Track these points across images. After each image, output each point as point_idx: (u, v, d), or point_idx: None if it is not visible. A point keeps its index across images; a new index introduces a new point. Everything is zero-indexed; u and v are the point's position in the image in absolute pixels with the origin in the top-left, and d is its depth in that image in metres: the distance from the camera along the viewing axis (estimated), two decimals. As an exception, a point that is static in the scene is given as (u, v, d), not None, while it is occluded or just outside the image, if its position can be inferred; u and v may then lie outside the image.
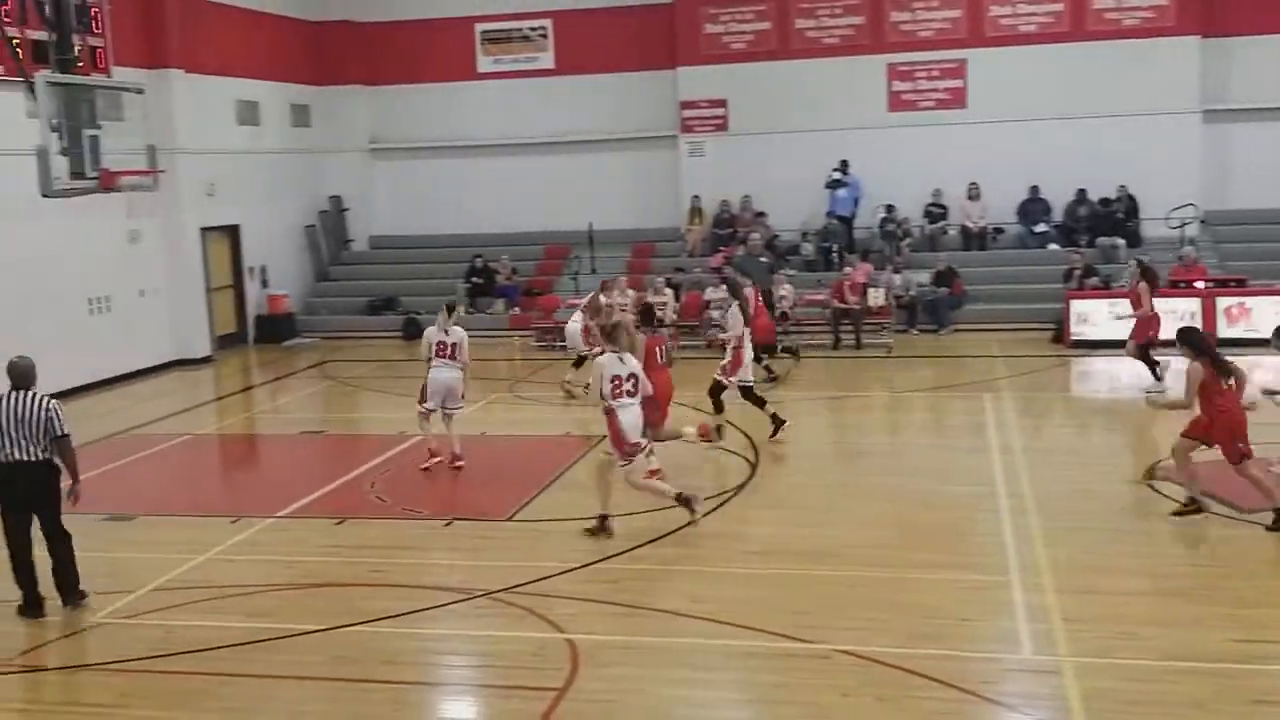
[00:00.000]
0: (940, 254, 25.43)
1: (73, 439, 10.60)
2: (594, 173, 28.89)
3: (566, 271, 27.43)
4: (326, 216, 29.78)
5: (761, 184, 27.44)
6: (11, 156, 17.49)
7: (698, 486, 13.39)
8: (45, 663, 9.35)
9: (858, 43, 27.26)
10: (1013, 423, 16.58)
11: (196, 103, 24.33)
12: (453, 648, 9.73)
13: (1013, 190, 26.44)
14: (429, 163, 29.99)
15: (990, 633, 9.46)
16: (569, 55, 28.99)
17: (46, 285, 20.32)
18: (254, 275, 27.07)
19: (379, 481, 14.49)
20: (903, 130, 26.97)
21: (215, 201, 25.13)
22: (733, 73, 27.76)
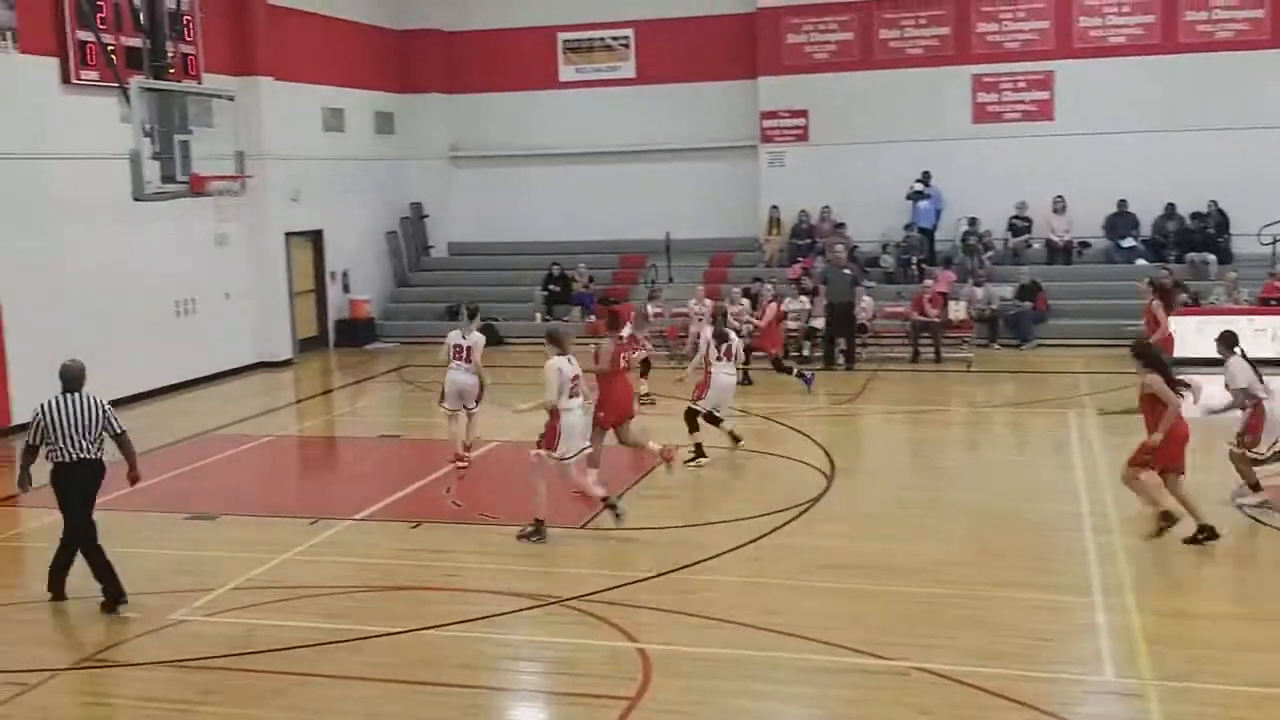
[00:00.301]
0: (1024, 268, 25.15)
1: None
2: (672, 182, 28.91)
3: (643, 280, 27.44)
4: (407, 223, 30.06)
5: (841, 195, 27.30)
6: (105, 161, 17.83)
7: (772, 499, 13.37)
8: (127, 658, 9.47)
9: (942, 53, 27.06)
10: (1096, 440, 16.32)
11: (283, 109, 24.67)
12: (526, 654, 9.73)
13: (1099, 204, 26.08)
14: (509, 171, 30.17)
15: (1072, 653, 9.32)
16: (650, 64, 29.05)
17: (135, 287, 20.68)
18: (336, 280, 27.39)
19: (455, 486, 14.57)
20: (987, 142, 26.71)
21: (299, 206, 25.47)
22: (814, 83, 27.66)
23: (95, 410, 10.83)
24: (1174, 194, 25.58)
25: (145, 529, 13.08)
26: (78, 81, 19.29)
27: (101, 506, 13.80)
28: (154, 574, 11.47)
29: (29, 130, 18.49)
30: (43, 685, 9.02)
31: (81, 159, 19.05)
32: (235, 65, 23.41)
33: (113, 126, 18.67)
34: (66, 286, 19.19)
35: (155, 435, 18.09)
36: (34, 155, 18.53)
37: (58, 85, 19.12)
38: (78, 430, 10.66)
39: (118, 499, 14.16)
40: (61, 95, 19.17)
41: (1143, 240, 25.99)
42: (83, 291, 19.48)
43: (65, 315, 19.04)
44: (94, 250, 19.72)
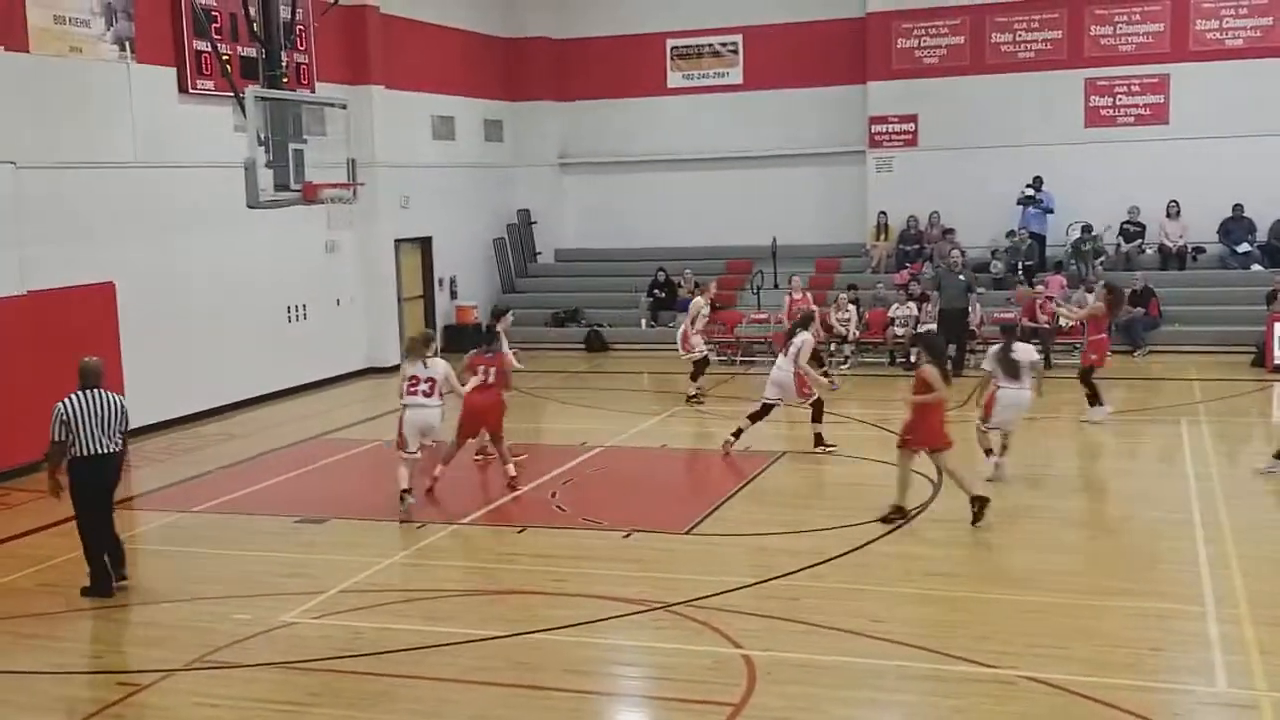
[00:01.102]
0: (1136, 273, 24.63)
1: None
2: (779, 187, 28.80)
3: (749, 286, 27.35)
4: (515, 229, 30.29)
5: (950, 200, 26.98)
6: (220, 169, 18.23)
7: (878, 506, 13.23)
8: (238, 660, 9.64)
9: (1054, 57, 26.62)
10: (1209, 449, 15.98)
11: (394, 117, 24.99)
12: (630, 659, 9.75)
13: (1214, 209, 25.48)
14: (616, 177, 30.27)
15: (1183, 664, 9.12)
16: (758, 70, 28.97)
17: (249, 294, 21.09)
18: (444, 286, 27.69)
19: (560, 491, 14.64)
20: (1099, 146, 26.23)
21: (408, 213, 25.78)
22: (924, 88, 27.38)
23: (115, 406, 11.22)
24: (1296, 198, 24.93)
25: (256, 532, 13.33)
26: (194, 91, 19.72)
27: (212, 509, 14.22)
28: (264, 576, 11.69)
29: (147, 139, 18.93)
30: (154, 686, 9.20)
31: (197, 167, 19.48)
32: (348, 74, 23.78)
33: (228, 135, 19.10)
34: (182, 293, 19.62)
35: (266, 439, 18.47)
36: (151, 164, 18.96)
37: (175, 94, 19.56)
38: (98, 426, 11.03)
39: (225, 502, 14.54)
40: (178, 104, 19.61)
41: (1258, 245, 25.33)
42: (198, 298, 19.92)
43: (181, 322, 19.51)
44: (208, 257, 20.14)
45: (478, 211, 28.79)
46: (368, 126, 23.68)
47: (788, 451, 16.33)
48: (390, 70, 24.93)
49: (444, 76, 27.38)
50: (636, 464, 16.44)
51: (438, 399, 13.79)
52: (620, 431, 18.03)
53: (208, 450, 17.90)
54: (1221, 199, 25.34)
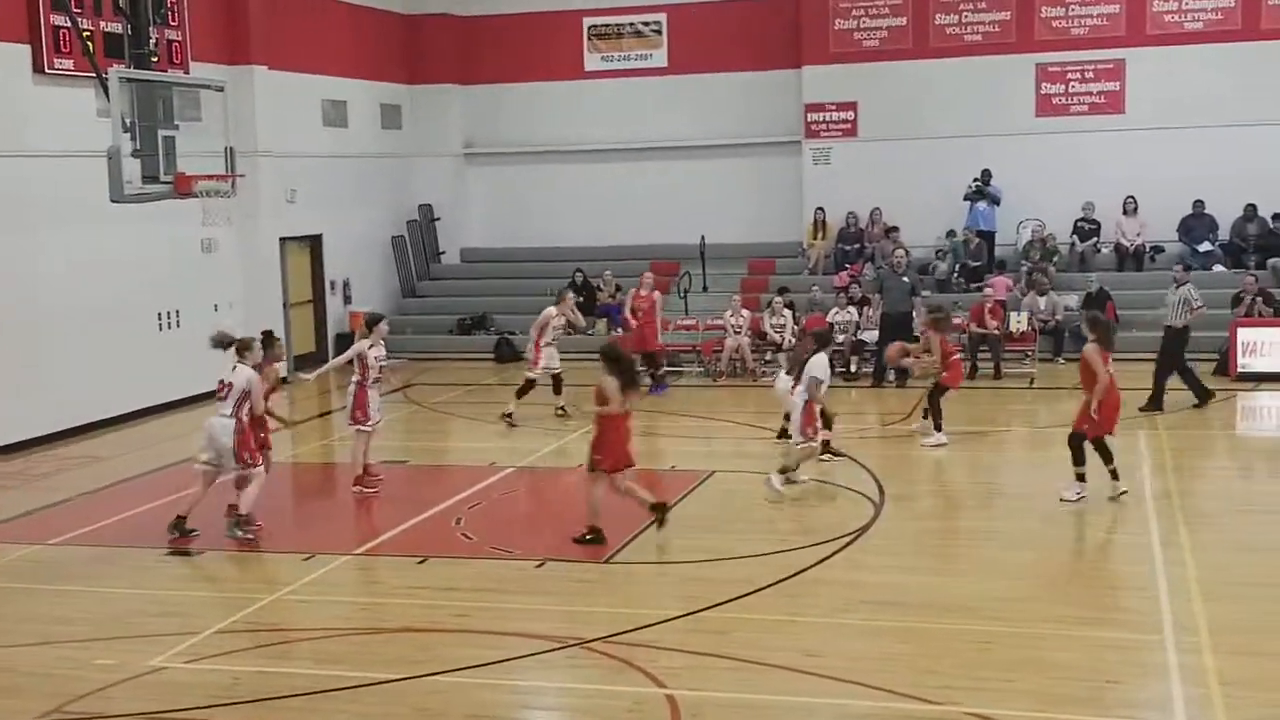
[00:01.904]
0: (1091, 274, 25.01)
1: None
2: (708, 181, 28.96)
3: (675, 289, 27.43)
4: (415, 227, 30.16)
5: (892, 195, 27.26)
6: (81, 158, 17.96)
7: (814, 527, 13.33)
8: (99, 710, 9.45)
9: (1003, 41, 27.02)
10: (1169, 464, 16.27)
11: (279, 102, 24.80)
12: (544, 701, 9.76)
13: (1174, 205, 25.94)
14: (528, 169, 30.26)
15: (1140, 697, 9.29)
16: (684, 53, 29.10)
17: (114, 298, 20.77)
18: (335, 289, 27.50)
19: (466, 517, 14.57)
20: (1051, 137, 26.67)
21: (296, 209, 25.59)
22: (864, 73, 27.67)
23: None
24: (1255, 194, 25.48)
25: (120, 566, 13.11)
26: (51, 71, 19.42)
27: (72, 541, 14.00)
28: (129, 616, 11.52)
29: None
30: (7, 738, 9.04)
31: (55, 157, 19.20)
32: (226, 53, 23.55)
33: (89, 121, 18.83)
34: (38, 298, 19.35)
35: (134, 462, 18.22)
36: (2, 152, 18.67)
37: (29, 75, 19.24)
38: None
39: (86, 534, 14.31)
40: (33, 86, 19.30)
41: (1220, 244, 25.85)
42: (56, 303, 19.64)
43: (37, 330, 19.23)
44: (68, 257, 19.85)
45: (374, 207, 28.64)
46: (249, 111, 23.44)
47: (717, 471, 16.37)
48: (274, 49, 24.70)
49: (336, 56, 27.22)
50: (551, 487, 16.41)
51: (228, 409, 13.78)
52: (533, 450, 17.99)
53: (68, 474, 17.62)
54: (1181, 194, 25.82)
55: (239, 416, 13.71)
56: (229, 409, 13.68)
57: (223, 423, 13.72)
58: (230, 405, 13.67)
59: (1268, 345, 21.77)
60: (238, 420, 13.70)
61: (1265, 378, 21.49)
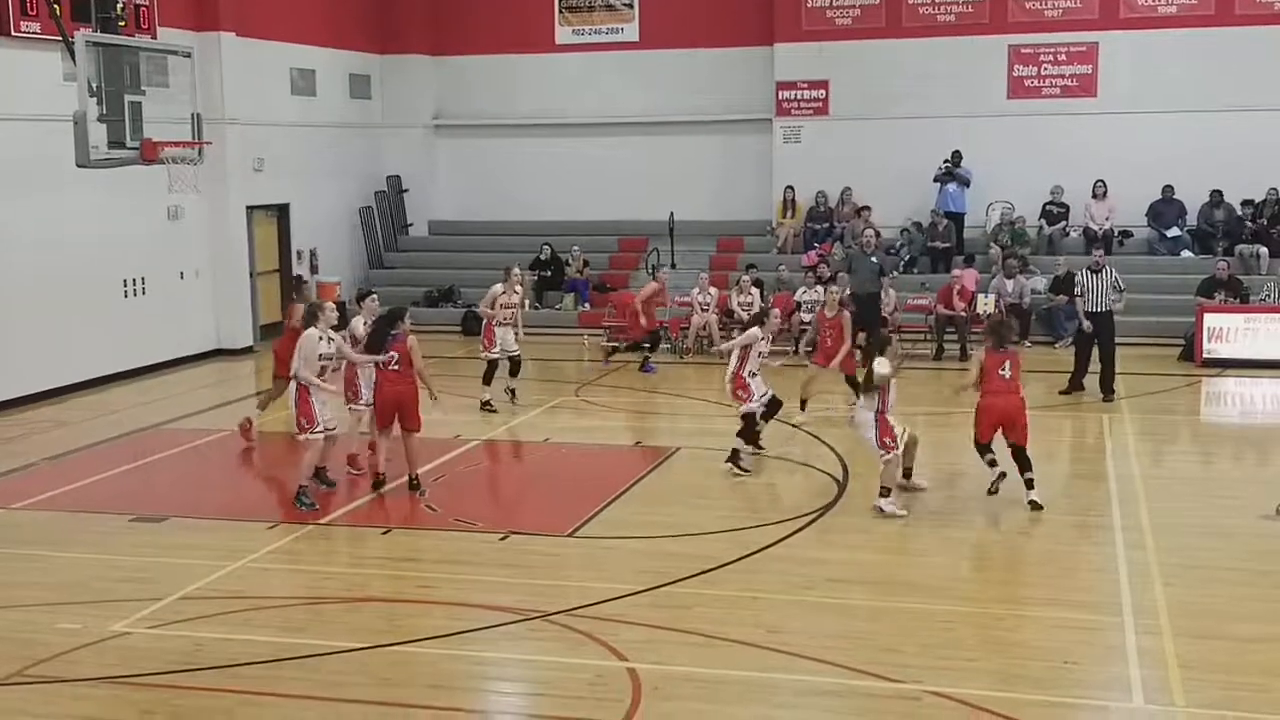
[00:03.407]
0: (1059, 258, 25.12)
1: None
2: (678, 158, 28.97)
3: (643, 266, 27.46)
4: (383, 198, 30.08)
5: (863, 175, 27.33)
6: (45, 122, 17.87)
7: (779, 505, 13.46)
8: (61, 674, 9.49)
9: (976, 21, 27.07)
10: (1132, 447, 16.41)
11: (248, 69, 24.68)
12: (504, 673, 9.81)
13: (1144, 190, 26.10)
14: (497, 142, 30.19)
15: (1098, 678, 9.38)
16: (656, 28, 29.06)
17: (78, 264, 20.70)
18: (303, 260, 27.41)
19: (430, 489, 14.61)
20: (1023, 120, 26.75)
21: (264, 178, 25.51)
22: (836, 51, 27.68)
23: None
24: (1226, 180, 25.60)
25: (84, 532, 13.12)
26: (17, 34, 19.27)
27: (36, 506, 13.99)
28: (92, 582, 11.52)
29: (-38, 88, 18.51)
30: (-36, 702, 9.05)
31: (20, 120, 19.10)
32: (194, 19, 23.42)
33: (55, 85, 18.65)
34: (2, 263, 19.26)
35: (97, 428, 18.19)
36: (-32, 116, 18.57)
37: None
38: None
39: (52, 498, 14.30)
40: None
41: (1189, 230, 26.04)
42: (20, 269, 19.55)
43: (1, 295, 19.09)
44: (32, 223, 19.75)
45: (342, 177, 28.54)
46: (216, 78, 23.37)
47: (682, 447, 16.45)
48: (243, 16, 24.56)
49: (304, 24, 27.08)
50: (516, 460, 16.47)
51: None
52: (499, 424, 18.03)
53: (32, 439, 17.59)
54: (1151, 179, 25.98)
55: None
56: None
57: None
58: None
59: (1233, 331, 21.98)
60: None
61: (1230, 364, 21.70)
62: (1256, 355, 21.70)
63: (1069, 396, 19.23)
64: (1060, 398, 19.24)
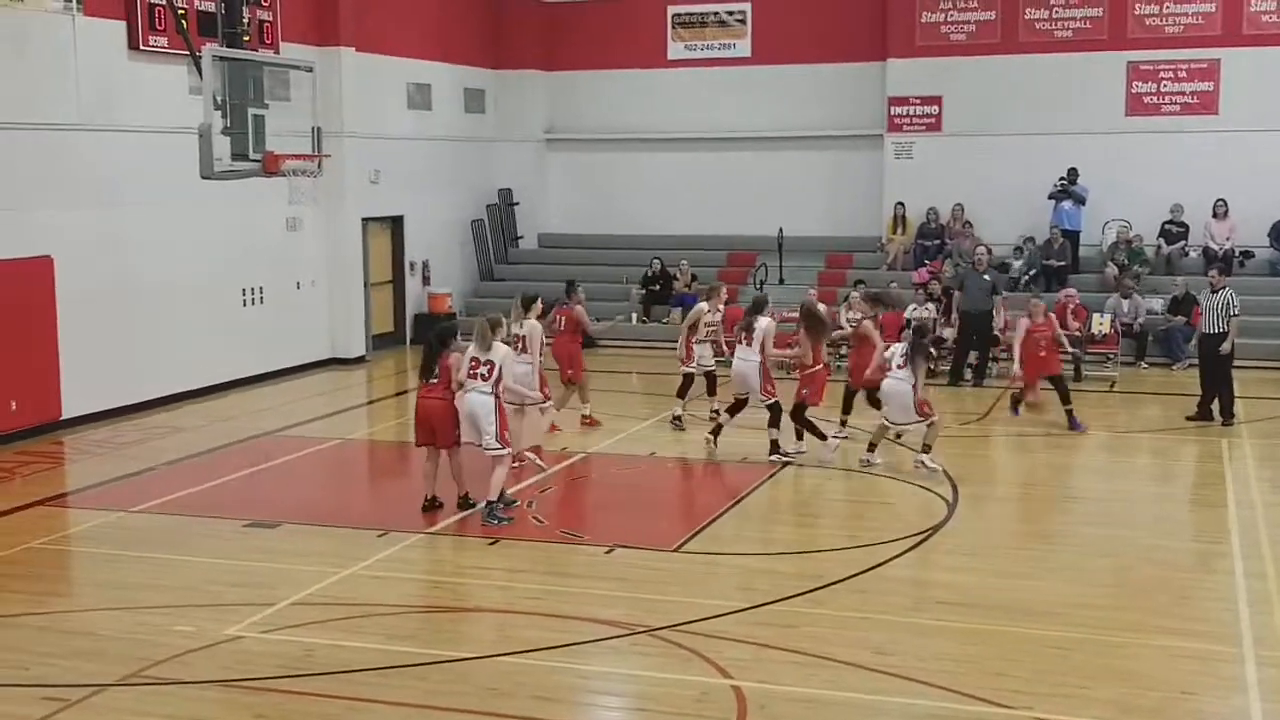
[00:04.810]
0: (1178, 278, 24.69)
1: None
2: (788, 173, 28.87)
3: (752, 280, 27.38)
4: (495, 210, 30.30)
5: (975, 192, 27.04)
6: (172, 134, 18.23)
7: (887, 524, 13.33)
8: (175, 676, 9.61)
9: (1094, 37, 26.69)
10: (1252, 473, 16.01)
11: (366, 84, 24.98)
12: (609, 687, 9.77)
13: (1266, 209, 25.58)
14: (608, 156, 30.29)
15: (1217, 710, 9.18)
16: (768, 43, 28.99)
17: (200, 273, 21.08)
18: (415, 271, 27.68)
19: (538, 501, 14.65)
20: (1141, 137, 26.32)
21: (379, 190, 25.78)
22: (949, 67, 27.44)
23: None
24: (1351, 198, 25.07)
25: (199, 536, 13.31)
26: (146, 48, 19.69)
27: (154, 509, 14.23)
28: (207, 585, 11.68)
29: (92, 100, 18.89)
30: (84, 702, 9.17)
31: (147, 132, 19.49)
32: (315, 35, 23.77)
33: (182, 98, 19.11)
34: (127, 271, 19.61)
35: (215, 435, 18.46)
36: (97, 127, 18.94)
37: (124, 51, 19.52)
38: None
39: (169, 502, 14.54)
40: (128, 62, 19.58)
41: (1311, 251, 25.48)
42: (144, 277, 19.92)
43: (125, 302, 19.50)
44: (157, 232, 20.11)
45: (454, 190, 28.79)
46: (336, 93, 23.67)
47: (790, 463, 16.35)
48: (362, 32, 24.89)
49: (421, 40, 27.36)
50: (621, 473, 16.44)
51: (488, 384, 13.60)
52: (605, 437, 18.04)
53: (151, 444, 17.88)
54: (1273, 199, 25.44)
55: (496, 393, 13.62)
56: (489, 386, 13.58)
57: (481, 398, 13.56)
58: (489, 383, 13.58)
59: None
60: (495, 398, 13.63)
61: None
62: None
63: (1194, 423, 18.69)
64: (1184, 421, 18.80)
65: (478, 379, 13.48)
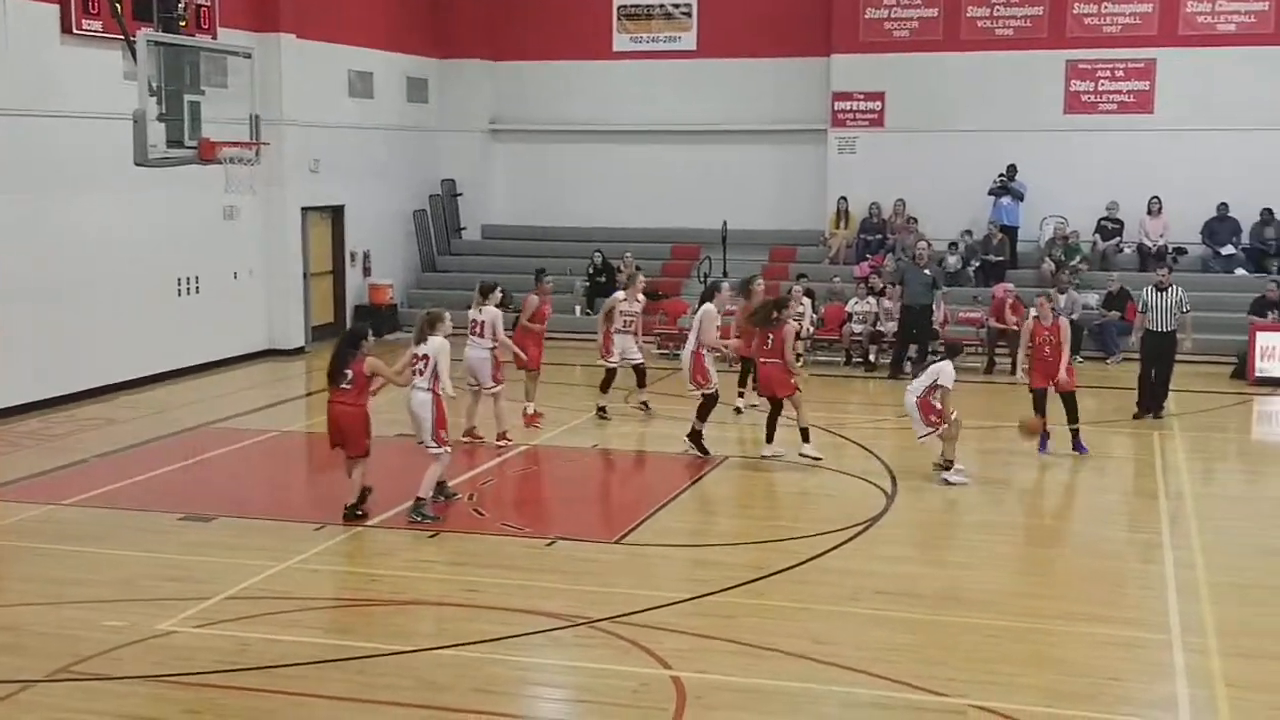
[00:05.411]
0: (1113, 274, 24.95)
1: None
2: (732, 167, 28.93)
3: (695, 274, 27.42)
4: (438, 201, 30.17)
5: (917, 187, 27.22)
6: (106, 120, 18.02)
7: (827, 515, 13.41)
8: (106, 671, 9.52)
9: (1034, 36, 26.90)
10: (1183, 465, 16.27)
11: (306, 71, 24.79)
12: (549, 679, 9.78)
13: (1199, 207, 25.87)
14: (552, 148, 30.24)
15: (1145, 696, 9.30)
16: (713, 37, 29.03)
17: (134, 262, 20.85)
18: (356, 261, 27.51)
19: (478, 493, 14.62)
20: (1079, 135, 26.58)
21: (319, 179, 25.61)
22: (892, 63, 27.58)
23: None
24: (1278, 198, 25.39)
25: (133, 530, 13.18)
26: (80, 32, 19.44)
27: (86, 502, 14.08)
28: (140, 580, 11.58)
29: (23, 84, 18.65)
30: (10, 699, 9.07)
31: (80, 118, 19.27)
32: (254, 20, 23.55)
33: (116, 83, 18.86)
34: (59, 259, 19.37)
35: (149, 426, 18.30)
36: (28, 112, 18.70)
37: (57, 35, 19.27)
38: None
39: (101, 495, 14.39)
40: (61, 46, 19.32)
41: (1243, 248, 25.78)
42: (77, 265, 19.69)
43: (57, 291, 19.26)
44: (90, 219, 19.89)
45: (397, 180, 28.64)
46: (275, 80, 23.49)
47: (731, 456, 16.39)
48: (302, 18, 24.68)
49: (363, 28, 27.19)
50: (564, 466, 16.45)
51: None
52: (548, 429, 18.01)
53: (84, 435, 17.71)
54: (1206, 197, 25.72)
55: (433, 390, 13.46)
56: (486, 341, 14.10)
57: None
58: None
59: (1278, 348, 21.80)
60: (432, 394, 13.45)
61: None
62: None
63: (1136, 419, 18.80)
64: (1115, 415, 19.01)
65: (416, 374, 13.42)
